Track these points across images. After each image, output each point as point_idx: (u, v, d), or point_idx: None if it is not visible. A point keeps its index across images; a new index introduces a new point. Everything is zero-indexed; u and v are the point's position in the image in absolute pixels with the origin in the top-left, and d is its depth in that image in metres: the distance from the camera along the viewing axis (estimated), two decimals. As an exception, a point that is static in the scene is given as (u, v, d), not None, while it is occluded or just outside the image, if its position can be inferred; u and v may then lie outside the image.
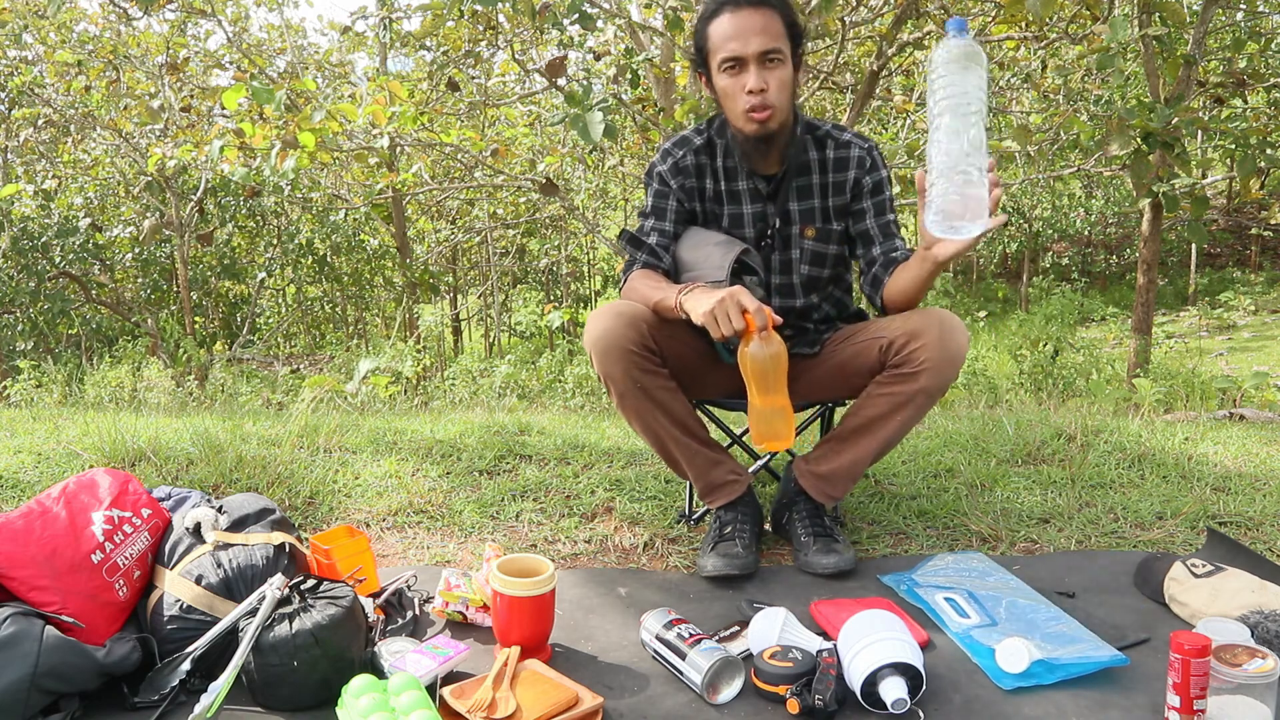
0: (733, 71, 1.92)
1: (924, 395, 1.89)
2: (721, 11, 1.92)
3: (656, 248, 2.05)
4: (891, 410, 1.93)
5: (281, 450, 2.68)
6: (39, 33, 8.79)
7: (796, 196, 2.06)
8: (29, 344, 9.90)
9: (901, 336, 1.90)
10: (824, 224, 2.07)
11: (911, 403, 1.90)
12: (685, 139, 2.09)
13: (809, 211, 2.07)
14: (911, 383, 1.89)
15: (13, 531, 1.54)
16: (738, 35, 1.89)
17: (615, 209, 15.95)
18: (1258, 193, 9.35)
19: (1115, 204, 17.56)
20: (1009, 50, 6.52)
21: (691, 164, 2.06)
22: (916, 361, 1.87)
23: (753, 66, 1.89)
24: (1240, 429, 3.14)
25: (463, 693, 1.46)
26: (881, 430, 1.95)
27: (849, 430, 1.99)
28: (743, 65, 1.90)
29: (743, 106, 1.92)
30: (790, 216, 2.07)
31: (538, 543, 2.17)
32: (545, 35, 5.73)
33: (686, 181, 2.07)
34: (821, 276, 2.11)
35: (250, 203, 11.44)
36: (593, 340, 1.88)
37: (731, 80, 1.92)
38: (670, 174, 2.07)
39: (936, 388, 1.88)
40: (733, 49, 1.90)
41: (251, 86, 4.27)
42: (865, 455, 1.99)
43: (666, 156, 2.08)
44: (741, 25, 1.89)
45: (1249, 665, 1.35)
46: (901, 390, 1.90)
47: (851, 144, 2.06)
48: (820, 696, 1.44)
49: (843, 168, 2.05)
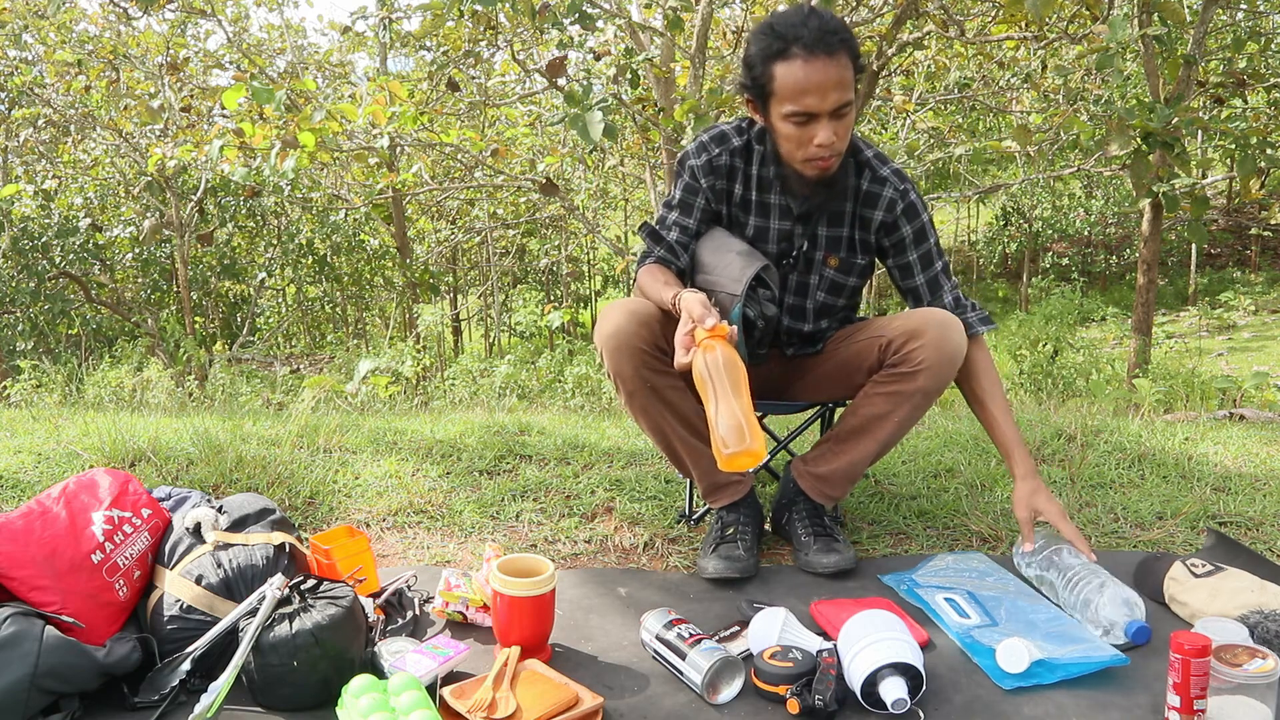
0: (801, 123, 1.80)
1: (922, 395, 1.88)
2: (792, 55, 1.75)
3: (675, 245, 2.00)
4: (890, 410, 1.92)
5: (281, 450, 2.68)
6: (39, 33, 8.79)
7: (828, 223, 2.00)
8: (29, 344, 9.90)
9: (900, 336, 1.89)
10: (848, 254, 2.03)
11: (909, 402, 1.90)
12: (724, 135, 2.00)
13: (836, 240, 2.02)
14: (910, 382, 1.88)
15: (13, 531, 1.53)
16: (815, 90, 1.75)
17: (615, 209, 15.96)
18: (1258, 193, 9.35)
19: (1115, 204, 17.57)
20: (1009, 50, 6.52)
21: (725, 164, 1.99)
22: (915, 361, 1.87)
23: (825, 120, 1.78)
24: (1240, 429, 3.13)
25: (463, 693, 1.46)
26: (880, 430, 1.94)
27: (847, 430, 1.99)
28: (814, 119, 1.78)
29: (808, 156, 1.83)
30: (817, 241, 2.01)
31: (538, 543, 2.17)
32: (545, 35, 5.72)
33: (718, 183, 2.00)
34: (836, 305, 2.08)
35: (250, 203, 11.44)
36: (604, 338, 1.87)
37: (798, 130, 1.81)
38: (702, 171, 1.99)
39: (934, 388, 1.88)
40: (808, 105, 1.76)
41: (251, 86, 4.27)
42: (864, 456, 1.98)
43: (702, 151, 1.99)
44: (818, 79, 1.74)
45: (1249, 665, 1.35)
46: (899, 390, 1.90)
47: (887, 181, 1.97)
48: (820, 696, 1.44)
49: (872, 204, 1.98)
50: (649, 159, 6.25)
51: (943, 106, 7.95)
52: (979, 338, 1.99)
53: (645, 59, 4.95)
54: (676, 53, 5.84)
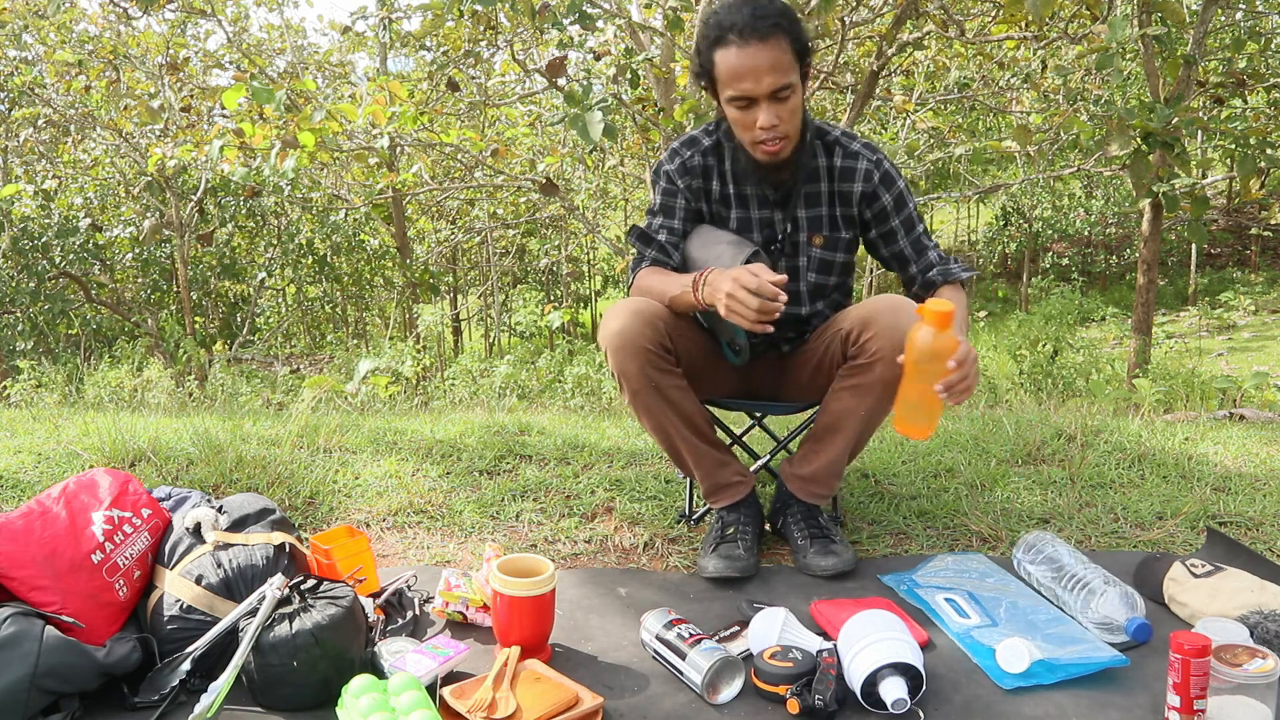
0: (743, 107, 1.85)
1: (881, 385, 1.87)
2: (727, 42, 1.82)
3: (666, 245, 2.04)
4: (854, 404, 1.92)
5: (281, 450, 2.68)
6: (39, 33, 8.79)
7: (805, 204, 2.03)
8: (29, 344, 9.90)
9: (855, 326, 1.90)
10: (831, 232, 2.05)
11: (872, 394, 1.89)
12: (694, 139, 2.06)
13: (816, 219, 2.04)
14: (868, 374, 1.88)
15: (13, 531, 1.54)
16: (748, 75, 1.81)
17: (615, 209, 15.96)
18: (1258, 193, 9.36)
19: (1115, 204, 17.58)
20: (1009, 50, 6.52)
21: (699, 165, 2.04)
22: (870, 352, 1.87)
23: (764, 104, 1.83)
24: (1240, 429, 3.13)
25: (463, 693, 1.46)
26: (849, 425, 1.95)
27: (821, 429, 2.00)
28: (753, 103, 1.84)
29: (754, 139, 1.88)
30: (799, 224, 2.04)
31: (538, 543, 2.17)
32: (545, 35, 5.72)
33: (694, 182, 2.05)
34: (828, 284, 2.09)
35: (250, 203, 11.44)
36: (609, 337, 1.87)
37: (741, 114, 1.87)
38: (678, 174, 2.04)
39: (893, 376, 1.85)
40: (743, 89, 1.82)
41: (251, 86, 4.27)
42: (840, 452, 1.98)
43: (674, 156, 2.05)
44: (750, 63, 1.80)
45: (1249, 665, 1.36)
46: (860, 383, 1.90)
47: (860, 155, 2.01)
48: (820, 696, 1.44)
49: (849, 178, 2.02)
50: (649, 159, 6.25)
51: (943, 106, 7.95)
52: (956, 282, 2.03)
53: (645, 59, 4.95)
54: (676, 53, 5.84)
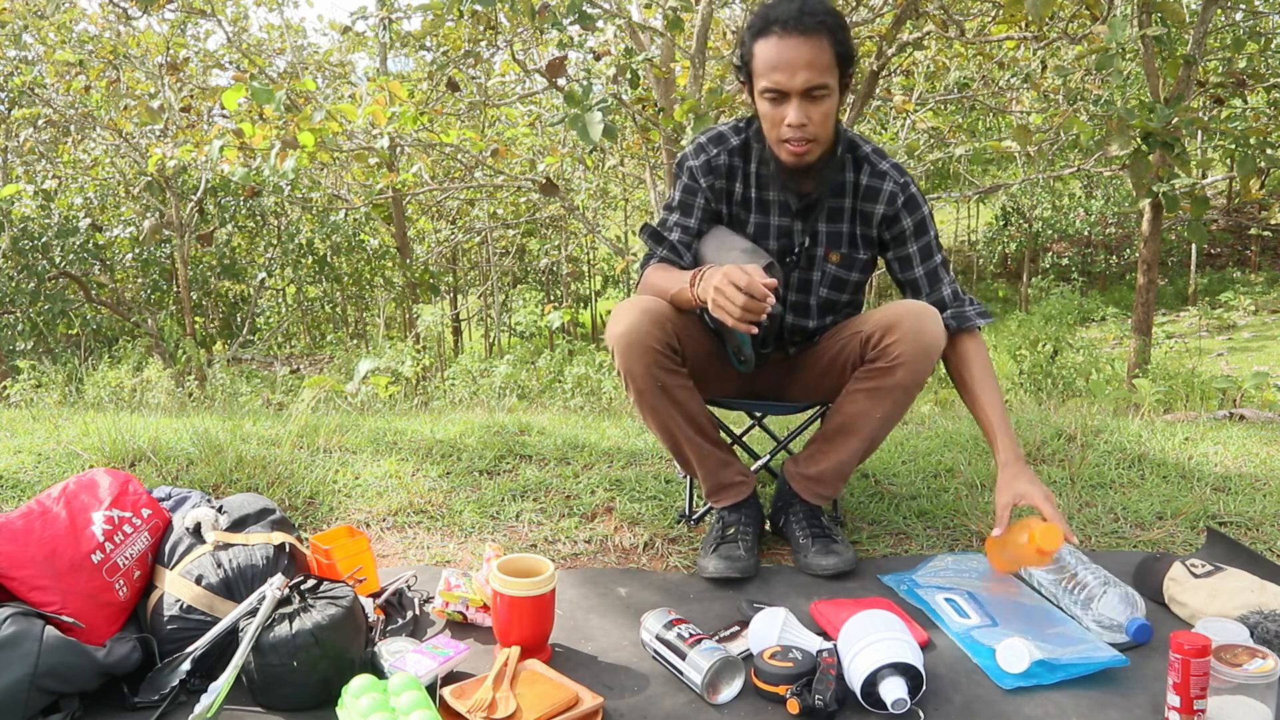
0: (774, 101, 1.82)
1: (901, 390, 1.87)
2: (769, 32, 1.79)
3: (678, 244, 2.00)
4: (871, 407, 1.91)
5: (281, 450, 2.68)
6: (39, 33, 8.79)
7: (827, 218, 2.01)
8: (29, 344, 9.90)
9: (877, 330, 1.89)
10: (850, 250, 2.03)
11: (890, 397, 1.89)
12: (721, 136, 2.01)
13: (836, 235, 2.02)
14: (888, 377, 1.87)
15: (13, 531, 1.53)
16: (783, 67, 1.77)
17: (615, 209, 15.97)
18: (1258, 193, 9.35)
19: (1115, 204, 17.58)
20: (1009, 50, 6.53)
21: (724, 164, 2.00)
22: (891, 355, 1.86)
23: (795, 100, 1.79)
24: (1240, 429, 3.13)
25: (463, 693, 1.46)
26: (864, 428, 1.94)
27: (833, 429, 1.98)
28: (785, 98, 1.80)
29: (780, 136, 1.84)
30: (818, 238, 2.02)
31: (538, 543, 2.17)
32: (545, 35, 5.72)
33: (716, 182, 2.01)
34: (839, 301, 2.08)
35: (250, 203, 11.45)
36: (616, 336, 1.86)
37: (772, 109, 1.83)
38: (701, 172, 2.00)
39: (913, 381, 1.86)
40: (777, 81, 1.79)
41: (251, 86, 4.27)
42: (851, 454, 1.97)
43: (700, 152, 2.00)
44: (789, 56, 1.77)
45: (1249, 665, 1.35)
46: (879, 385, 1.89)
47: (887, 175, 1.97)
48: (820, 696, 1.44)
49: (872, 199, 1.99)
50: (649, 159, 6.25)
51: (943, 106, 7.95)
52: (975, 331, 1.99)
53: (645, 59, 4.95)
54: (676, 53, 5.84)
